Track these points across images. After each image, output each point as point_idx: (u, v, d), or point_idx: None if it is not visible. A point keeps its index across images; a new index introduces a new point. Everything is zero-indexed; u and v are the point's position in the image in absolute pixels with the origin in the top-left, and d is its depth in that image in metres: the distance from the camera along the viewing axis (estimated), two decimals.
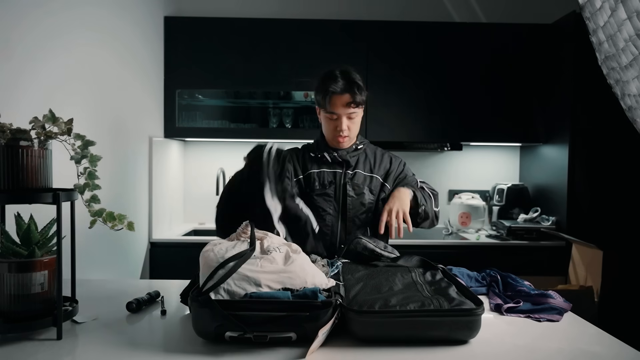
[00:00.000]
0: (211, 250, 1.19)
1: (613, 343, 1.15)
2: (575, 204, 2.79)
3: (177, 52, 3.00)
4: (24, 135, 1.11)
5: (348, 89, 1.72)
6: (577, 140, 2.79)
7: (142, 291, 1.42)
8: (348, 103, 1.73)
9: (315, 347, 1.03)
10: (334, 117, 1.76)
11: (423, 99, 3.05)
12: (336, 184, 1.80)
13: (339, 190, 1.80)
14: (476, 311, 1.09)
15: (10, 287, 1.10)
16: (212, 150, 3.37)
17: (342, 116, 1.75)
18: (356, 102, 1.74)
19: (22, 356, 1.03)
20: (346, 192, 1.79)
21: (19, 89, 1.65)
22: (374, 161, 1.87)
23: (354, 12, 3.24)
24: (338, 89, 1.72)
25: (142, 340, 1.13)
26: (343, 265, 1.46)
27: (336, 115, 1.75)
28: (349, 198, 1.79)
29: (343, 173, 1.81)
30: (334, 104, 1.74)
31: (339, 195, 1.80)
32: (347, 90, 1.72)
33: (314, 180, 1.80)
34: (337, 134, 1.78)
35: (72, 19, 1.96)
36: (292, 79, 3.00)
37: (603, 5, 1.74)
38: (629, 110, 1.94)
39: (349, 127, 1.77)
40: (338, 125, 1.76)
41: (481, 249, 2.85)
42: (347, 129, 1.77)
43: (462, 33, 3.06)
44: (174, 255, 2.80)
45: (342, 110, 1.75)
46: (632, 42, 1.68)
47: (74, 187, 1.18)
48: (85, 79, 2.07)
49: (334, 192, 1.80)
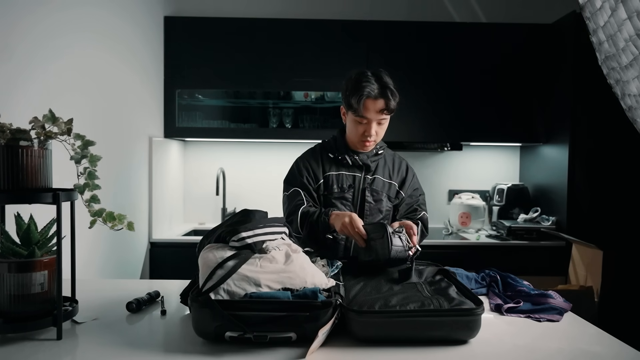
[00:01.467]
0: (210, 251, 1.19)
1: (613, 343, 1.15)
2: (575, 204, 2.79)
3: (177, 52, 3.00)
4: (24, 135, 1.11)
5: (383, 93, 1.64)
6: (577, 140, 2.78)
7: (142, 291, 1.42)
8: (381, 110, 1.65)
9: (315, 347, 1.03)
10: (363, 121, 1.68)
11: (423, 99, 3.05)
12: (355, 188, 1.75)
13: (357, 195, 1.75)
14: (476, 311, 1.09)
15: (10, 287, 1.10)
16: (212, 150, 3.37)
17: (372, 121, 1.67)
18: (390, 110, 1.66)
19: (22, 356, 1.03)
20: (364, 198, 1.75)
21: (19, 89, 1.65)
22: (393, 168, 1.83)
23: (354, 12, 3.24)
24: (373, 93, 1.63)
25: (142, 340, 1.13)
26: (343, 265, 1.46)
27: (366, 119, 1.67)
28: (366, 204, 1.75)
29: (362, 177, 1.77)
30: (367, 109, 1.65)
31: (357, 200, 1.75)
32: (382, 96, 1.64)
33: (332, 183, 1.75)
34: (364, 139, 1.70)
35: (72, 19, 1.96)
36: (292, 79, 3.00)
37: (603, 5, 1.74)
38: (629, 110, 1.94)
39: (376, 132, 1.70)
40: (367, 130, 1.68)
41: (481, 249, 2.85)
42: (375, 134, 1.70)
43: (462, 33, 3.06)
44: (174, 255, 2.80)
45: (374, 116, 1.66)
46: (632, 42, 1.67)
47: (74, 187, 1.18)
48: (85, 79, 2.07)
49: (352, 196, 1.75)
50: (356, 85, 1.65)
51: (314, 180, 1.76)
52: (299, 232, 1.65)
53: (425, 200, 1.89)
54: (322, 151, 1.82)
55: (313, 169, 1.77)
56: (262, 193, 3.32)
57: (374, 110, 1.65)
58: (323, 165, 1.78)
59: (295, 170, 1.79)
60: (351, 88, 1.67)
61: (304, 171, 1.77)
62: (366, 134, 1.69)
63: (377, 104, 1.64)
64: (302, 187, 1.73)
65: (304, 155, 1.84)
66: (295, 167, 1.80)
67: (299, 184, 1.74)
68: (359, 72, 1.69)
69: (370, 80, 1.65)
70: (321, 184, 1.76)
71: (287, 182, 1.79)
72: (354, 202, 1.75)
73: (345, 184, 1.75)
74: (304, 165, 1.78)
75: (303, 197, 1.71)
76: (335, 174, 1.76)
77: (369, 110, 1.65)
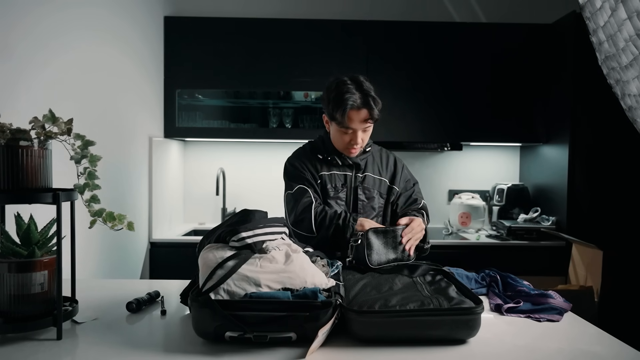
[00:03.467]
0: (210, 251, 1.19)
1: (613, 343, 1.15)
2: (575, 204, 2.79)
3: (177, 52, 3.00)
4: (24, 135, 1.11)
5: (365, 103, 1.63)
6: (577, 140, 2.78)
7: (142, 291, 1.42)
8: (365, 119, 1.65)
9: (315, 347, 1.03)
10: (349, 131, 1.68)
11: (423, 99, 3.05)
12: (347, 187, 1.77)
13: (350, 194, 1.77)
14: (476, 310, 1.09)
15: (10, 287, 1.10)
16: (212, 150, 3.37)
17: (357, 130, 1.67)
18: (373, 118, 1.66)
19: (22, 356, 1.03)
20: (357, 196, 1.76)
21: (19, 89, 1.65)
22: (381, 164, 1.84)
23: (354, 12, 3.24)
24: (355, 104, 1.62)
25: (142, 340, 1.13)
26: (343, 265, 1.46)
27: (352, 129, 1.67)
28: (359, 202, 1.76)
29: (353, 176, 1.78)
30: (352, 120, 1.64)
31: (350, 198, 1.77)
32: (365, 105, 1.63)
33: (326, 183, 1.75)
34: (350, 147, 1.72)
35: (72, 18, 1.96)
36: (292, 79, 3.00)
37: (603, 5, 1.74)
38: (629, 110, 1.94)
39: (362, 139, 1.71)
40: (353, 139, 1.69)
41: (481, 249, 2.85)
42: (362, 141, 1.71)
43: (462, 33, 3.06)
44: (174, 255, 2.80)
45: (359, 126, 1.66)
46: (632, 42, 1.67)
47: (74, 187, 1.18)
48: (85, 79, 2.06)
49: (345, 195, 1.76)
50: (337, 97, 1.64)
51: (315, 178, 1.76)
52: (312, 231, 1.64)
53: (419, 188, 1.90)
54: (312, 152, 1.81)
55: (309, 169, 1.77)
56: (262, 193, 3.32)
57: (358, 120, 1.65)
58: (315, 166, 1.78)
59: (296, 168, 1.77)
60: (333, 99, 1.65)
61: (306, 168, 1.76)
62: (352, 142, 1.70)
63: (360, 114, 1.64)
64: (308, 185, 1.72)
65: (298, 155, 1.83)
66: (294, 166, 1.78)
67: (305, 181, 1.73)
68: (338, 81, 1.67)
69: (350, 90, 1.63)
70: (318, 185, 1.76)
71: (290, 179, 1.76)
72: (347, 201, 1.76)
73: (339, 184, 1.76)
74: (303, 163, 1.77)
75: (311, 194, 1.69)
76: (328, 174, 1.77)
77: (353, 121, 1.65)
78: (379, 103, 1.66)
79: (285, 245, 1.25)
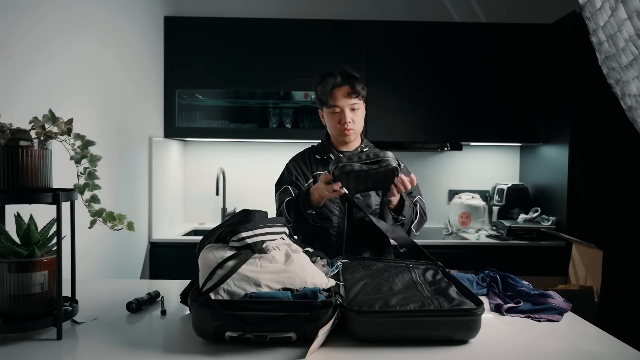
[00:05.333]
0: (210, 251, 1.19)
1: (613, 343, 1.15)
2: (575, 204, 2.79)
3: (177, 52, 3.00)
4: (24, 135, 1.11)
5: (347, 81, 1.78)
6: (577, 140, 2.78)
7: (142, 291, 1.42)
8: (348, 93, 1.77)
9: (315, 347, 1.03)
10: (336, 110, 1.80)
11: (423, 99, 3.05)
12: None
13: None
14: (476, 311, 1.09)
15: (10, 287, 1.10)
16: (212, 150, 3.37)
17: (344, 108, 1.78)
18: (356, 92, 1.78)
19: (22, 356, 1.03)
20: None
21: (19, 89, 1.65)
22: None
23: (354, 12, 3.24)
24: (337, 82, 1.78)
25: (142, 340, 1.13)
26: (343, 265, 1.46)
27: (339, 107, 1.79)
28: (355, 199, 1.76)
29: None
30: (335, 97, 1.78)
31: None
32: (346, 82, 1.78)
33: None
34: (342, 128, 1.80)
35: (72, 18, 1.96)
36: (292, 79, 3.00)
37: (603, 5, 1.74)
38: (629, 110, 1.94)
39: (353, 120, 1.80)
40: (342, 119, 1.79)
41: (481, 249, 2.85)
42: (352, 122, 1.79)
43: (462, 33, 3.06)
44: (174, 255, 2.80)
45: (344, 102, 1.78)
46: (632, 42, 1.67)
47: (74, 187, 1.18)
48: (85, 79, 2.07)
49: None
50: (321, 81, 1.82)
51: (303, 178, 1.85)
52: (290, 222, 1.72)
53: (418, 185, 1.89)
54: (310, 154, 1.92)
55: (302, 169, 1.87)
56: (262, 193, 3.30)
57: (341, 96, 1.78)
58: (311, 166, 1.87)
59: (284, 172, 1.90)
60: (318, 84, 1.83)
61: (293, 170, 1.88)
62: (342, 122, 1.79)
63: (343, 90, 1.78)
64: (291, 184, 1.83)
65: (293, 159, 1.94)
66: (287, 167, 1.91)
67: (288, 182, 1.84)
68: (325, 72, 1.84)
69: (333, 74, 1.81)
70: (310, 183, 1.81)
71: (278, 183, 1.89)
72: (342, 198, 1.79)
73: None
74: (293, 166, 1.89)
75: (292, 192, 1.79)
76: (323, 173, 1.80)
77: (337, 98, 1.78)
78: (361, 81, 1.81)
79: (285, 245, 1.25)
